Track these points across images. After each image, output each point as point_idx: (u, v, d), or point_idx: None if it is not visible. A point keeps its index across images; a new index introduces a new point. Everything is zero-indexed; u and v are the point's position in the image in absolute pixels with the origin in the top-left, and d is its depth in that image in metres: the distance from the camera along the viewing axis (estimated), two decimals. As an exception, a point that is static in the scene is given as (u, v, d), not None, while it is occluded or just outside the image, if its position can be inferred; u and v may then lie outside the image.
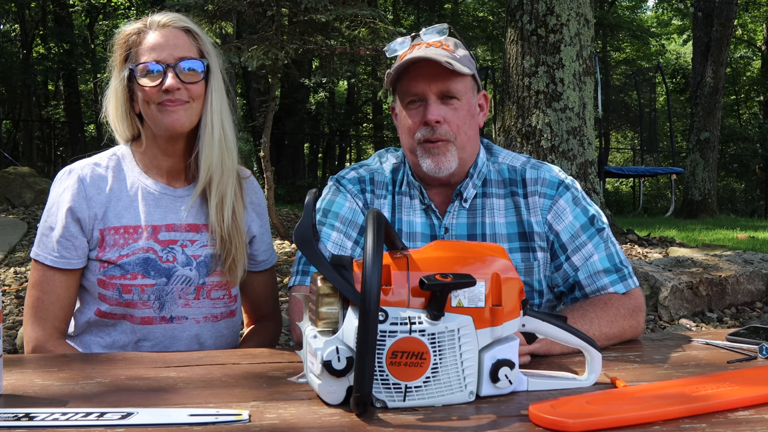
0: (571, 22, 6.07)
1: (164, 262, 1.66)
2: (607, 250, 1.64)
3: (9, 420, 1.02)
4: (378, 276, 1.01)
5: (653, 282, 4.17)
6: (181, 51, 1.63)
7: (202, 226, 1.71)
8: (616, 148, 27.46)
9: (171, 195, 1.70)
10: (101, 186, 1.67)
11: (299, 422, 1.03)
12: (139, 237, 1.66)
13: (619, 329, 1.54)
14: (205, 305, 1.71)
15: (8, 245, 5.73)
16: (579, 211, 1.67)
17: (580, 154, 6.12)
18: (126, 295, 1.64)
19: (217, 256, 1.70)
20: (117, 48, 1.68)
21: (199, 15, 5.69)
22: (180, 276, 1.67)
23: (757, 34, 25.26)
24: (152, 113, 1.63)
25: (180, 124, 1.62)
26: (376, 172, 1.75)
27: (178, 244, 1.68)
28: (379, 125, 20.84)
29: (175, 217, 1.69)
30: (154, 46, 1.62)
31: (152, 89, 1.61)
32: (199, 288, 1.69)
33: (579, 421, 0.99)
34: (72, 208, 1.65)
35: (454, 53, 1.61)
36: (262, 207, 1.84)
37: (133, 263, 1.64)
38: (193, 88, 1.63)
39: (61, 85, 20.34)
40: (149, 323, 1.66)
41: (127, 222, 1.67)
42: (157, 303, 1.66)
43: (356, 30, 5.88)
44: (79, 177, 1.67)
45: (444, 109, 1.60)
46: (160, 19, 1.66)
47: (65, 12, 18.03)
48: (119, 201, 1.67)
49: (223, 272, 1.70)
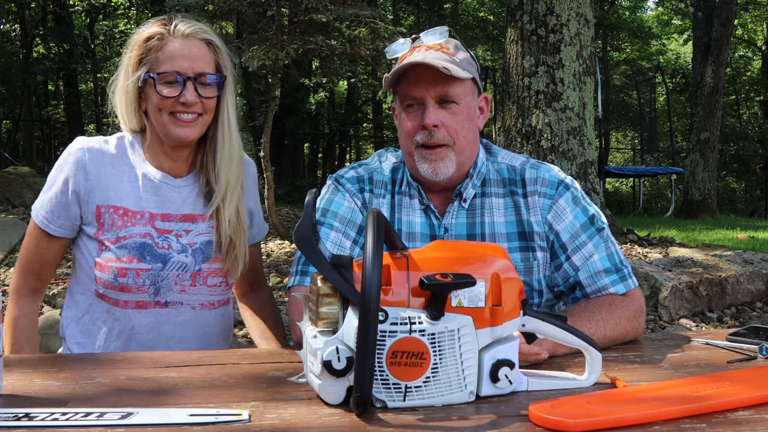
0: (571, 22, 6.08)
1: (160, 248, 1.68)
2: (608, 249, 1.64)
3: (9, 420, 1.02)
4: (378, 276, 1.01)
5: (653, 282, 4.17)
6: (201, 65, 1.64)
7: (198, 216, 1.73)
8: (616, 148, 27.46)
9: (170, 185, 1.72)
10: (105, 161, 1.69)
11: (299, 422, 1.03)
12: (138, 222, 1.68)
13: (622, 331, 1.54)
14: (202, 292, 1.73)
15: (8, 245, 5.73)
16: (579, 211, 1.67)
17: (580, 154, 6.12)
18: (121, 279, 1.65)
19: (218, 244, 1.72)
20: (134, 47, 1.67)
21: (199, 15, 5.69)
22: (176, 262, 1.69)
23: (757, 34, 25.27)
24: (163, 121, 1.65)
25: (190, 138, 1.66)
26: (376, 171, 1.74)
27: (173, 234, 1.70)
28: (379, 125, 20.84)
29: (171, 207, 1.72)
30: (175, 55, 1.63)
31: (169, 99, 1.63)
32: (195, 274, 1.71)
33: (579, 421, 1.00)
34: (69, 176, 1.67)
35: (453, 56, 1.60)
36: (252, 180, 1.87)
37: (129, 246, 1.66)
38: (207, 102, 1.66)
39: (61, 85, 20.34)
40: (144, 308, 1.68)
41: (127, 205, 1.68)
42: (152, 288, 1.67)
43: (356, 30, 5.88)
44: (85, 148, 1.69)
45: (442, 113, 1.60)
46: (184, 28, 1.66)
47: (65, 12, 18.03)
48: (121, 182, 1.69)
49: (223, 260, 1.73)
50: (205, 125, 1.70)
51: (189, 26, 1.67)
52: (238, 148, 1.74)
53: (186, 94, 1.62)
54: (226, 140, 1.71)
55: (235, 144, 1.73)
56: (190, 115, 1.64)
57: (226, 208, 1.72)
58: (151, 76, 1.63)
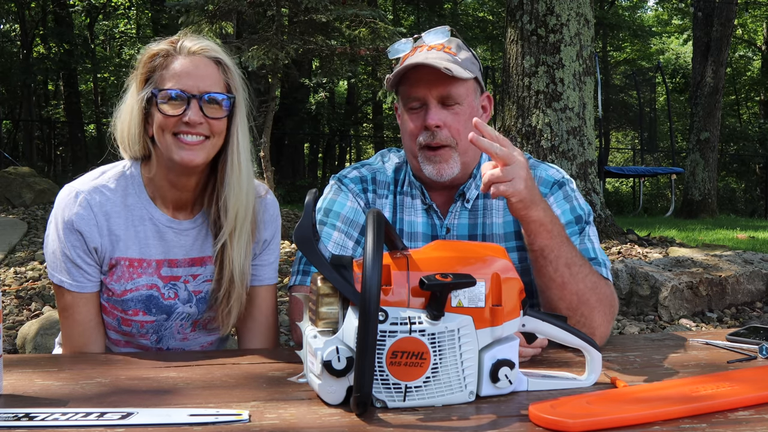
0: (571, 22, 6.08)
1: (166, 299, 1.61)
2: (582, 245, 1.63)
3: (9, 420, 1.02)
4: (378, 276, 1.01)
5: (653, 282, 4.17)
6: (208, 83, 1.51)
7: (206, 258, 1.63)
8: (616, 148, 27.46)
9: (175, 228, 1.60)
10: (110, 213, 1.56)
11: (299, 422, 1.03)
12: (144, 272, 1.59)
13: (593, 292, 1.49)
14: (201, 335, 1.69)
15: (8, 245, 5.73)
16: (567, 209, 1.66)
17: (580, 154, 6.12)
18: (125, 327, 1.62)
19: (215, 291, 1.61)
20: (140, 65, 1.56)
21: (199, 15, 5.70)
22: (180, 313, 1.63)
23: (757, 34, 25.27)
24: (166, 143, 1.52)
25: (194, 162, 1.51)
26: (378, 171, 1.74)
27: (181, 280, 1.62)
28: (379, 125, 20.85)
29: (177, 252, 1.61)
30: (180, 73, 1.51)
31: (172, 118, 1.49)
32: (196, 321, 1.66)
33: (579, 421, 1.00)
34: (84, 235, 1.54)
35: (456, 56, 1.60)
36: (274, 217, 1.72)
37: (135, 300, 1.59)
38: (215, 124, 1.52)
39: (61, 85, 20.34)
40: (145, 350, 1.66)
41: (132, 254, 1.58)
42: (155, 336, 1.64)
43: (356, 30, 5.88)
44: (88, 202, 1.55)
45: (444, 113, 1.60)
46: (191, 45, 1.54)
47: (65, 12, 18.04)
48: (127, 231, 1.58)
49: (216, 308, 1.62)
50: (214, 149, 1.55)
51: (196, 43, 1.55)
52: (248, 176, 1.58)
53: (189, 113, 1.48)
54: (234, 167, 1.55)
55: (245, 172, 1.57)
56: (195, 137, 1.50)
57: (235, 244, 1.57)
58: (153, 93, 1.51)
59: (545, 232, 1.44)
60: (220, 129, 1.53)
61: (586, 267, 1.50)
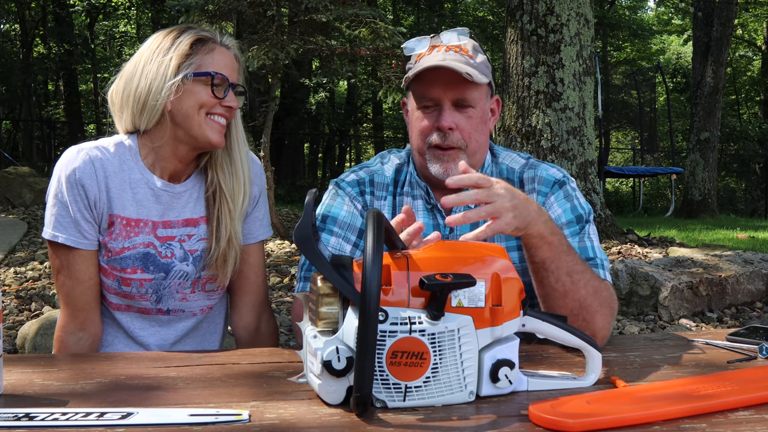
0: (571, 22, 6.08)
1: (163, 257, 1.68)
2: (581, 243, 1.62)
3: (9, 420, 1.02)
4: (378, 276, 1.01)
5: (653, 282, 4.17)
6: (235, 76, 1.69)
7: (199, 219, 1.72)
8: (616, 148, 27.47)
9: (170, 192, 1.70)
10: (108, 170, 1.64)
11: (299, 422, 1.03)
12: (140, 231, 1.67)
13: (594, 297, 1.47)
14: (200, 297, 1.74)
15: (8, 245, 5.73)
16: (567, 207, 1.66)
17: (580, 154, 6.12)
18: (125, 287, 1.67)
19: (210, 250, 1.70)
20: (181, 45, 1.63)
21: (199, 15, 5.70)
22: (178, 271, 1.69)
23: (757, 33, 25.26)
24: (199, 121, 1.63)
25: (221, 144, 1.67)
26: (377, 173, 1.75)
27: (176, 240, 1.70)
28: (379, 125, 20.86)
29: (172, 214, 1.70)
30: (225, 62, 1.66)
31: (215, 99, 1.63)
32: (195, 281, 1.72)
33: (579, 421, 1.00)
34: (86, 187, 1.61)
35: (473, 59, 1.60)
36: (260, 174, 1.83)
37: (132, 257, 1.65)
38: (234, 113, 1.71)
39: (61, 85, 20.34)
40: (146, 313, 1.71)
41: (130, 215, 1.66)
42: (154, 296, 1.69)
43: (356, 30, 5.88)
44: (90, 157, 1.63)
45: (458, 116, 1.60)
46: (228, 41, 1.70)
47: (65, 12, 18.03)
48: (123, 192, 1.66)
49: (215, 266, 1.71)
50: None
51: (230, 40, 1.72)
52: (246, 156, 1.76)
53: (229, 99, 1.65)
54: (237, 149, 1.72)
55: (243, 150, 1.75)
56: (224, 120, 1.66)
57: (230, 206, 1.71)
58: (209, 74, 1.62)
59: (546, 245, 1.41)
60: (232, 117, 1.71)
61: (587, 273, 1.48)
